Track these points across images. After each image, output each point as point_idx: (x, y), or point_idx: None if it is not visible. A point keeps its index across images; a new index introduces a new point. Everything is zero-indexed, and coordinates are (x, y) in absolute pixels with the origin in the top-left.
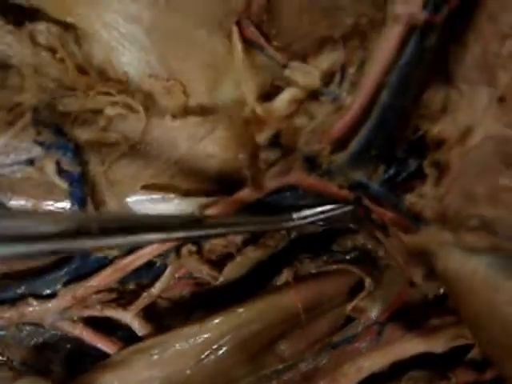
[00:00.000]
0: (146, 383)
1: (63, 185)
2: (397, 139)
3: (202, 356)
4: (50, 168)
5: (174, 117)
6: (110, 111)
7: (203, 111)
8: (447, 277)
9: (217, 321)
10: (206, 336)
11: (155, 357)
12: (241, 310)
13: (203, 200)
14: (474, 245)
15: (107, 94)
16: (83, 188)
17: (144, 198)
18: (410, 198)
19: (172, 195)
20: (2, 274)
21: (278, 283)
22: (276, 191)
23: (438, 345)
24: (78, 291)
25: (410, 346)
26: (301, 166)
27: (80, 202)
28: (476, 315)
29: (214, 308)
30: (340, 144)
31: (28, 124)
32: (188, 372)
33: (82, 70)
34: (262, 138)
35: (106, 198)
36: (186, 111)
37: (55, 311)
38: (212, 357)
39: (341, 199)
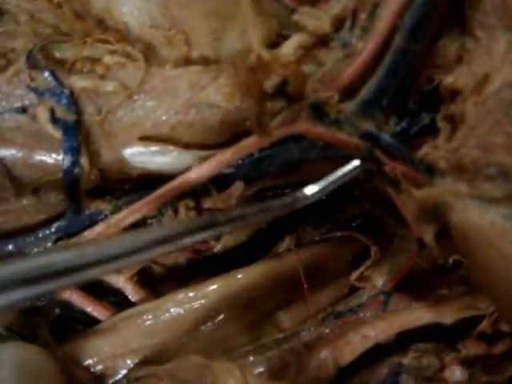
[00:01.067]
0: (139, 350)
1: (56, 133)
2: (409, 89)
3: (198, 323)
4: (44, 115)
5: (175, 66)
6: (108, 59)
7: (206, 61)
8: (463, 230)
9: (214, 286)
10: (202, 302)
11: (148, 322)
12: (240, 275)
13: (203, 153)
14: (491, 195)
15: (106, 42)
16: (77, 137)
17: (142, 150)
18: (423, 151)
19: (171, 147)
20: None
21: (279, 250)
22: (281, 142)
23: (446, 315)
24: None
25: (418, 316)
26: (308, 114)
27: (73, 151)
28: (493, 271)
29: (211, 276)
30: (349, 92)
31: (21, 70)
32: (183, 339)
33: (79, 17)
34: (268, 86)
35: (101, 149)
36: (187, 62)
37: None
38: (209, 324)
39: (351, 148)
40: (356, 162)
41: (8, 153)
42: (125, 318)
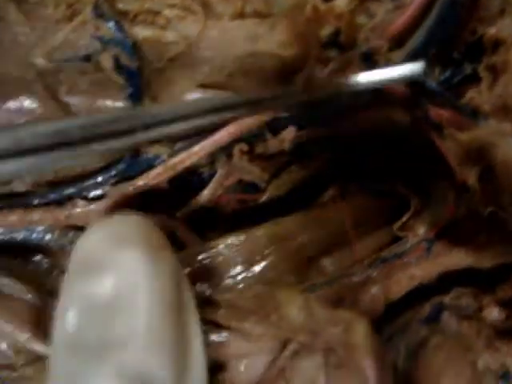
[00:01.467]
0: None
1: (120, 80)
2: (455, 40)
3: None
4: (108, 63)
5: (232, 20)
6: (168, 12)
7: (260, 16)
8: (508, 166)
9: (261, 232)
10: (249, 247)
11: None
12: (286, 221)
13: None
14: None
15: None
16: (139, 83)
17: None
18: (467, 96)
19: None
20: (50, 180)
21: (324, 200)
22: None
23: (485, 260)
24: (127, 190)
25: (459, 259)
26: (359, 62)
27: (136, 97)
28: None
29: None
30: (399, 41)
31: (87, 20)
32: None
33: None
34: (322, 35)
35: (161, 96)
36: (242, 16)
37: (103, 212)
38: (256, 267)
39: (397, 96)
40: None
41: (73, 99)
42: None
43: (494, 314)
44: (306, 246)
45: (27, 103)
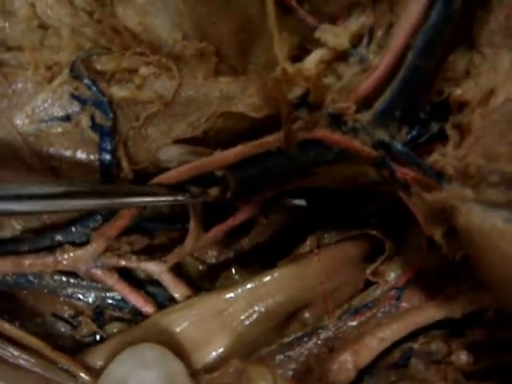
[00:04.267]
0: None
1: (96, 138)
2: (420, 101)
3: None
4: (85, 122)
5: (205, 77)
6: (144, 71)
7: (234, 73)
8: (468, 231)
9: (242, 291)
10: (231, 310)
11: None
12: (266, 279)
13: None
14: (494, 200)
15: (142, 54)
16: (113, 141)
17: (177, 150)
18: (432, 158)
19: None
20: (41, 225)
21: (302, 251)
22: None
23: (455, 310)
24: (109, 231)
25: (430, 314)
26: (326, 122)
27: (109, 153)
28: (494, 270)
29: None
30: (365, 103)
31: (65, 81)
32: None
33: (116, 32)
34: (291, 97)
35: (139, 151)
36: (216, 73)
37: (89, 257)
38: (239, 328)
39: (364, 156)
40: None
41: (55, 155)
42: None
43: (462, 357)
44: (285, 303)
45: None
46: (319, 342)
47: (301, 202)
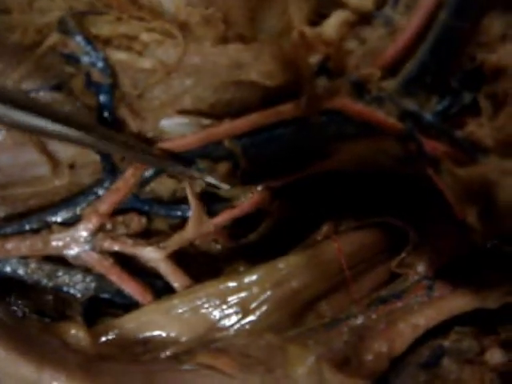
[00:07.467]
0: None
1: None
2: (452, 67)
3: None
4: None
5: (213, 45)
6: (145, 37)
7: (243, 41)
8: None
9: (255, 277)
10: (243, 295)
11: (186, 315)
12: (281, 264)
13: None
14: None
15: (141, 19)
16: (112, 101)
17: (181, 121)
18: (467, 129)
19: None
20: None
21: (318, 238)
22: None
23: (491, 300)
24: (102, 206)
25: (464, 302)
26: (348, 91)
27: (110, 111)
28: None
29: (249, 263)
30: (391, 69)
31: (55, 41)
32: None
33: None
34: (311, 63)
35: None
36: (224, 41)
37: (80, 238)
38: (251, 317)
39: (388, 129)
40: None
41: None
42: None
43: (496, 356)
44: (301, 290)
45: None
46: (347, 329)
47: None
